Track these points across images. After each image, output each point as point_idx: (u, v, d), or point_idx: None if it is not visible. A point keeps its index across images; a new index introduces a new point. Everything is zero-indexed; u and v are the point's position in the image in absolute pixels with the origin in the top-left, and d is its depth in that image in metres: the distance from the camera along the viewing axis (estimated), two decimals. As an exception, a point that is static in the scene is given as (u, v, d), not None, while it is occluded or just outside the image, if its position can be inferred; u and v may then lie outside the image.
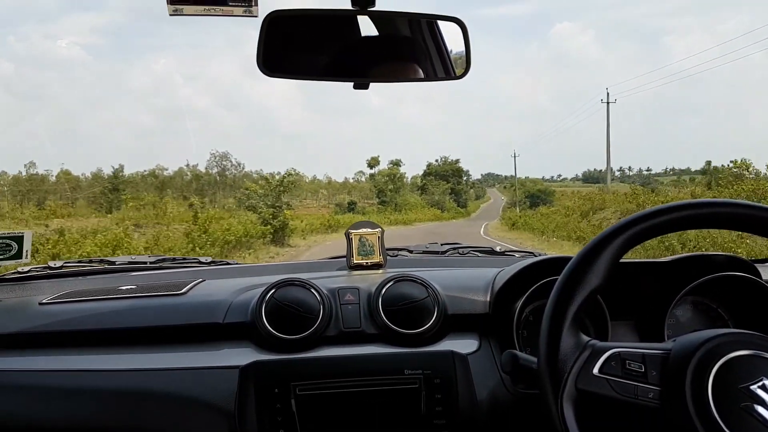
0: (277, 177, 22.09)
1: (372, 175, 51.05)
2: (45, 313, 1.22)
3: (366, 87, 1.13)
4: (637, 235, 0.83)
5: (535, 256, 1.55)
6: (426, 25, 1.17)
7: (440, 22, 1.16)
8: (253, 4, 1.13)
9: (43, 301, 1.25)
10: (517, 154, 63.71)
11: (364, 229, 1.49)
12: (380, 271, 1.47)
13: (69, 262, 1.65)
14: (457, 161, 63.16)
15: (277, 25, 1.07)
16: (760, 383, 0.73)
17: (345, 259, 1.51)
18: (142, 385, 1.09)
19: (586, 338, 0.83)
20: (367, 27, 1.12)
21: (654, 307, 1.22)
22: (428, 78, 1.19)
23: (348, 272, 1.47)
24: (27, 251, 1.53)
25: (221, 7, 1.12)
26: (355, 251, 1.48)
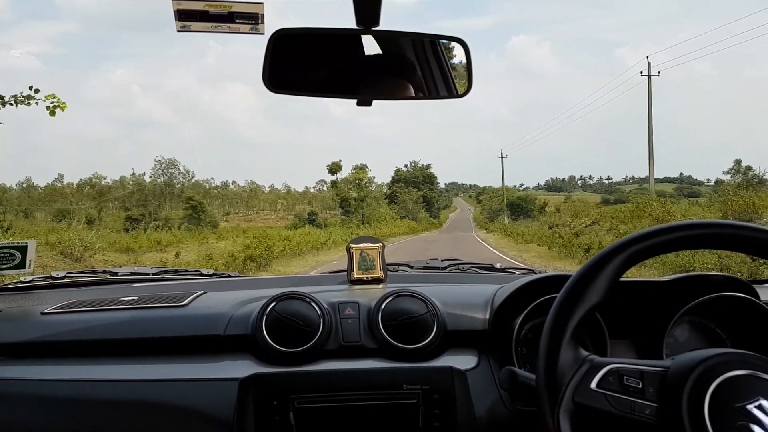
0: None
1: (334, 183, 44.55)
2: (47, 322, 1.22)
3: (369, 104, 1.15)
4: (638, 254, 0.84)
5: (535, 273, 1.55)
6: (429, 44, 1.20)
7: (443, 42, 1.19)
8: (260, 21, 1.14)
9: (45, 310, 1.25)
10: (504, 155, 55.31)
11: (365, 244, 1.50)
12: (380, 286, 1.47)
13: (72, 273, 1.65)
14: (429, 166, 57.64)
15: (282, 43, 1.08)
16: (756, 403, 0.72)
17: (345, 273, 1.51)
18: (142, 396, 1.09)
19: (584, 353, 0.83)
20: (370, 46, 1.14)
21: (652, 327, 1.23)
22: (431, 96, 1.20)
23: (348, 286, 1.47)
24: (30, 261, 1.51)
25: (228, 24, 1.13)
26: (355, 266, 1.49)
